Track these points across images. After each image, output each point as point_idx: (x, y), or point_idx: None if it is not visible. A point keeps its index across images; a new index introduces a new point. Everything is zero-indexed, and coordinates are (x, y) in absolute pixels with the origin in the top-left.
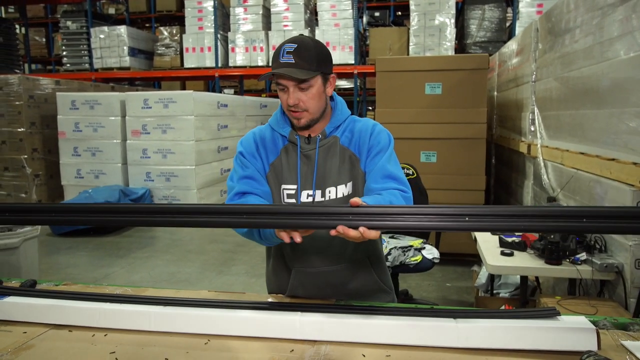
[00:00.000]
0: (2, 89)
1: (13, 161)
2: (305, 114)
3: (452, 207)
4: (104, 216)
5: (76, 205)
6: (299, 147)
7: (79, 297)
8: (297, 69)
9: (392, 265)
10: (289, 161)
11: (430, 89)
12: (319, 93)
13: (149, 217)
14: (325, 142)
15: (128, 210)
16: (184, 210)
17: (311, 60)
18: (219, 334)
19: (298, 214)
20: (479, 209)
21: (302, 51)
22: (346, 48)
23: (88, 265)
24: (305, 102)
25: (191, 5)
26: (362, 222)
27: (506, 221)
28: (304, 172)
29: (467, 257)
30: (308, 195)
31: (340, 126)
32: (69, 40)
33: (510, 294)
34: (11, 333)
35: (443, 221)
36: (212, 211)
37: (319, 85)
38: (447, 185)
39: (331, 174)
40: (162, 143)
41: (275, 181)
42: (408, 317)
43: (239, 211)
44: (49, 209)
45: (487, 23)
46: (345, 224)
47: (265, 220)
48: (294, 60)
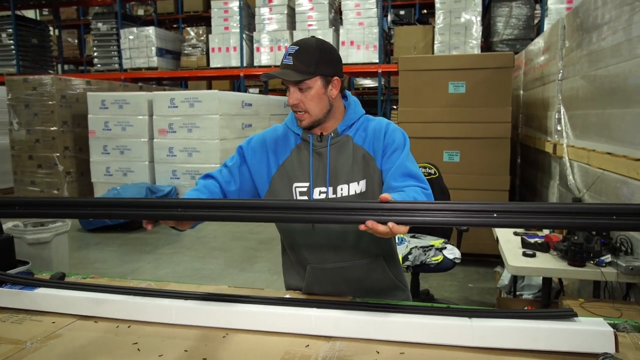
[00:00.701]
0: (36, 89)
1: (46, 159)
2: (305, 115)
3: (480, 203)
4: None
5: (102, 200)
6: (311, 144)
7: (104, 289)
8: (293, 70)
9: (412, 264)
10: (300, 159)
11: (453, 87)
12: (318, 95)
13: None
14: (337, 140)
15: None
16: (209, 205)
17: (309, 62)
18: (237, 328)
19: (328, 209)
20: (507, 205)
21: (301, 53)
22: (370, 47)
23: (116, 260)
24: (305, 103)
25: (217, 5)
26: (391, 218)
27: (534, 217)
28: (315, 170)
29: (490, 258)
30: (320, 192)
31: (354, 125)
32: (100, 42)
33: (534, 296)
34: (41, 323)
35: (471, 217)
36: (233, 206)
37: (319, 87)
38: (470, 185)
39: (343, 171)
40: (188, 142)
41: (286, 180)
42: (423, 315)
43: (269, 206)
44: (84, 204)
45: (514, 20)
46: (374, 219)
47: (297, 215)
48: (292, 62)
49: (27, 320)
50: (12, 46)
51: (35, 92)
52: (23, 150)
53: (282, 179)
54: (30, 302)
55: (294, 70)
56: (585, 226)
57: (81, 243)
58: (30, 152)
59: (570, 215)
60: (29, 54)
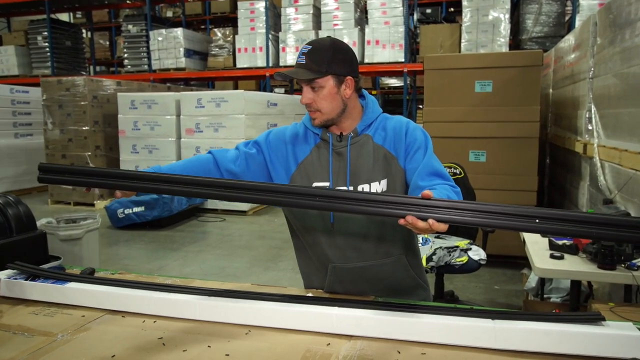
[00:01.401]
0: (70, 90)
1: (78, 158)
2: (318, 114)
3: (522, 207)
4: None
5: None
6: (330, 144)
7: (132, 285)
8: (306, 69)
9: (436, 265)
10: (320, 158)
11: (480, 87)
12: (331, 94)
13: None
14: (357, 139)
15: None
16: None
17: (321, 62)
18: (259, 325)
19: (369, 200)
20: (551, 211)
21: (314, 53)
22: (396, 46)
23: (144, 257)
24: (317, 102)
25: (244, 6)
26: (431, 215)
27: (578, 227)
28: (335, 169)
29: (518, 260)
30: None
31: (372, 124)
32: (130, 43)
33: (562, 299)
34: (71, 316)
35: (513, 221)
36: (290, 191)
37: (331, 86)
38: (496, 186)
39: (364, 170)
40: (214, 141)
41: (306, 178)
42: (445, 315)
43: (313, 193)
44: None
45: (544, 17)
46: (415, 214)
47: (337, 205)
48: (305, 61)
49: (59, 313)
50: (47, 48)
51: (68, 92)
52: (57, 149)
53: (301, 178)
54: (61, 296)
55: (307, 69)
56: (633, 240)
57: (111, 240)
58: (64, 151)
59: (615, 227)
60: (62, 55)
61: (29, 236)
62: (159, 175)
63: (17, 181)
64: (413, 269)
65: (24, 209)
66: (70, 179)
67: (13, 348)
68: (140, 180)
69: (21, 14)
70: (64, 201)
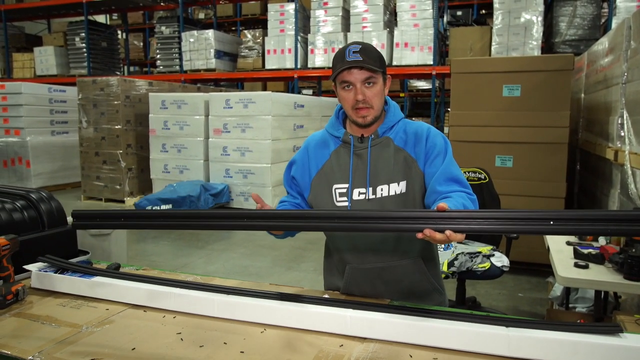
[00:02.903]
0: (104, 90)
1: (110, 155)
2: (371, 110)
3: (536, 211)
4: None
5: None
6: (352, 145)
7: (155, 281)
8: (367, 64)
9: (458, 270)
10: (339, 162)
11: (508, 91)
12: (381, 91)
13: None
14: (377, 141)
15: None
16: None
17: (375, 59)
18: (275, 324)
19: (387, 218)
20: (565, 212)
21: (367, 51)
22: (425, 49)
23: (170, 254)
24: (371, 99)
25: (274, 8)
26: (448, 226)
27: (593, 225)
28: (355, 171)
29: (543, 268)
30: (360, 193)
31: (394, 127)
32: (163, 44)
33: (588, 309)
34: (96, 309)
35: (526, 225)
36: (306, 216)
37: (381, 84)
38: (523, 192)
39: (383, 172)
40: (241, 141)
41: (325, 182)
42: (459, 321)
43: (330, 216)
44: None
45: (578, 20)
46: (432, 227)
47: (357, 224)
48: (361, 58)
49: (85, 306)
50: (84, 49)
51: (102, 92)
52: (90, 147)
53: (321, 182)
54: (87, 289)
55: (367, 65)
56: None
57: (139, 236)
58: (97, 149)
59: (628, 222)
60: (98, 56)
61: (60, 231)
62: (177, 212)
63: (53, 177)
64: (429, 272)
65: (56, 204)
66: (101, 224)
67: (41, 337)
68: (163, 219)
69: (60, 15)
70: (96, 197)
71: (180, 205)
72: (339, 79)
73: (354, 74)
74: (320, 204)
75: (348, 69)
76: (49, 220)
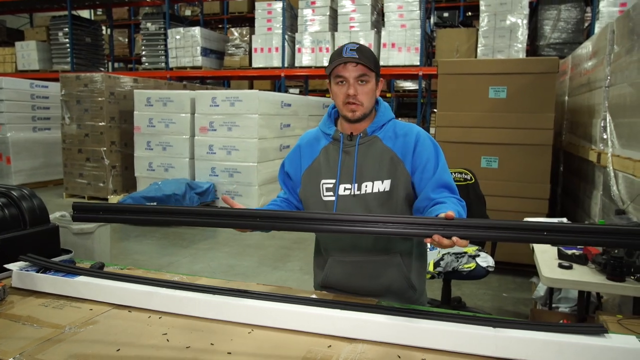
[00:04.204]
0: (88, 86)
1: (94, 153)
2: (360, 107)
3: (531, 222)
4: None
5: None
6: (341, 142)
7: (139, 281)
8: (361, 61)
9: (444, 270)
10: (328, 158)
11: (494, 92)
12: (372, 90)
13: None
14: (365, 140)
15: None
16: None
17: (370, 60)
18: (262, 324)
19: (397, 222)
20: (557, 224)
21: (363, 51)
22: (412, 49)
23: (154, 253)
24: (361, 96)
25: (261, 7)
26: (455, 233)
27: (583, 237)
28: (343, 167)
29: (527, 268)
30: (345, 188)
31: (383, 127)
32: (148, 41)
33: (571, 309)
34: (80, 309)
35: (523, 234)
36: (321, 218)
37: (373, 84)
38: (508, 193)
39: (369, 169)
40: (228, 140)
41: (314, 176)
42: (447, 322)
43: (341, 219)
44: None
45: (562, 24)
46: (440, 233)
47: (366, 228)
48: (357, 56)
49: (67, 306)
50: (67, 44)
51: (86, 88)
52: (73, 144)
53: (310, 177)
54: (70, 289)
55: (362, 63)
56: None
57: (122, 234)
58: (80, 145)
59: (621, 236)
60: (82, 52)
61: (42, 229)
62: (178, 208)
63: (34, 174)
64: (410, 270)
65: (38, 202)
66: (103, 217)
67: (22, 337)
68: (165, 214)
69: (43, 10)
70: (79, 195)
71: (165, 204)
72: (333, 74)
73: (348, 69)
74: (308, 198)
75: (344, 64)
76: (31, 218)
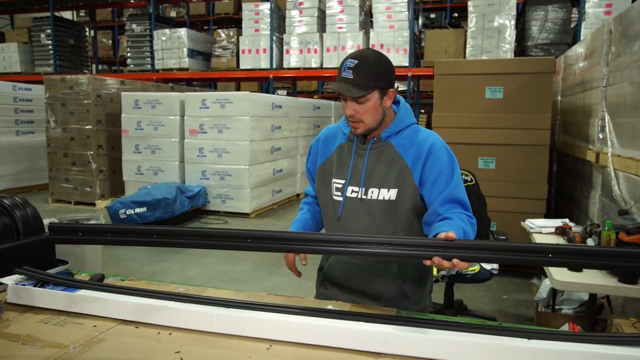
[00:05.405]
0: (73, 89)
1: (80, 157)
2: (361, 124)
3: (536, 245)
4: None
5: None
6: (354, 145)
7: (144, 294)
8: (354, 85)
9: (448, 274)
10: (341, 158)
11: (490, 93)
12: (375, 107)
13: None
14: (377, 145)
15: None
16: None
17: (369, 77)
18: (281, 339)
19: (398, 245)
20: (563, 246)
21: (361, 68)
22: (400, 50)
23: (146, 260)
24: (361, 114)
25: (248, 8)
26: (455, 254)
27: (593, 260)
28: (354, 169)
29: (525, 269)
30: (353, 190)
31: (400, 133)
32: (134, 42)
33: (574, 311)
34: (82, 326)
35: (527, 257)
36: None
37: (376, 99)
38: (505, 193)
39: (377, 176)
40: (218, 142)
41: (327, 174)
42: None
43: (348, 240)
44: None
45: (549, 24)
46: (440, 255)
47: (367, 250)
48: (352, 77)
49: (69, 322)
50: (50, 46)
51: (71, 91)
52: (59, 147)
53: (323, 173)
54: (72, 304)
55: (354, 85)
56: None
57: None
58: (66, 149)
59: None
60: (65, 54)
61: (37, 239)
62: (160, 228)
63: (18, 179)
64: (403, 280)
65: (31, 210)
66: (82, 238)
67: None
68: (147, 235)
69: (25, 11)
70: (65, 200)
71: (156, 208)
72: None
73: (343, 90)
74: (320, 194)
75: (339, 84)
76: (25, 227)
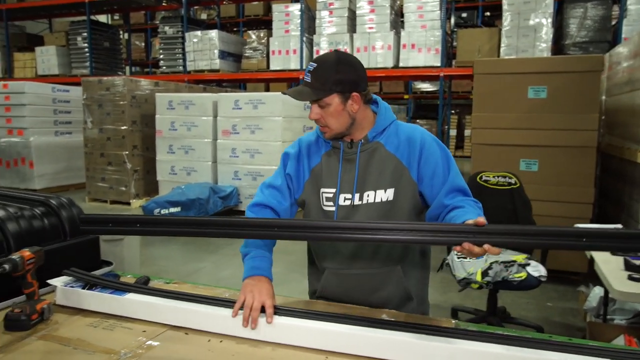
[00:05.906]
0: (109, 90)
1: (116, 157)
2: (327, 129)
3: (569, 228)
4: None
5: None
6: (341, 151)
7: (192, 299)
8: (310, 89)
9: (493, 280)
10: (329, 165)
11: (533, 92)
12: (337, 111)
13: None
14: (367, 146)
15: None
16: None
17: (325, 81)
18: (339, 351)
19: (427, 231)
20: (597, 229)
21: (318, 72)
22: (432, 50)
23: (180, 259)
24: (325, 119)
25: (278, 9)
26: (487, 240)
27: (628, 243)
28: (344, 176)
29: (571, 275)
30: (345, 198)
31: (385, 131)
32: (166, 44)
33: (628, 322)
34: (131, 330)
35: (560, 241)
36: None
37: (337, 103)
38: (549, 197)
39: (371, 178)
40: (250, 143)
41: (315, 185)
42: (535, 349)
43: (368, 227)
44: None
45: (589, 22)
46: (471, 241)
47: (398, 237)
48: (310, 80)
49: (118, 326)
50: (86, 49)
51: (108, 92)
52: (95, 147)
53: (311, 184)
54: (120, 308)
55: (311, 89)
56: None
57: (147, 240)
58: (102, 149)
59: None
60: (101, 56)
61: (83, 240)
62: (187, 218)
63: (56, 178)
64: (407, 281)
65: (77, 211)
66: (113, 229)
67: None
68: (176, 225)
69: (62, 15)
70: (101, 199)
71: (189, 208)
72: None
73: (296, 94)
74: (309, 206)
75: (295, 88)
76: (71, 228)
